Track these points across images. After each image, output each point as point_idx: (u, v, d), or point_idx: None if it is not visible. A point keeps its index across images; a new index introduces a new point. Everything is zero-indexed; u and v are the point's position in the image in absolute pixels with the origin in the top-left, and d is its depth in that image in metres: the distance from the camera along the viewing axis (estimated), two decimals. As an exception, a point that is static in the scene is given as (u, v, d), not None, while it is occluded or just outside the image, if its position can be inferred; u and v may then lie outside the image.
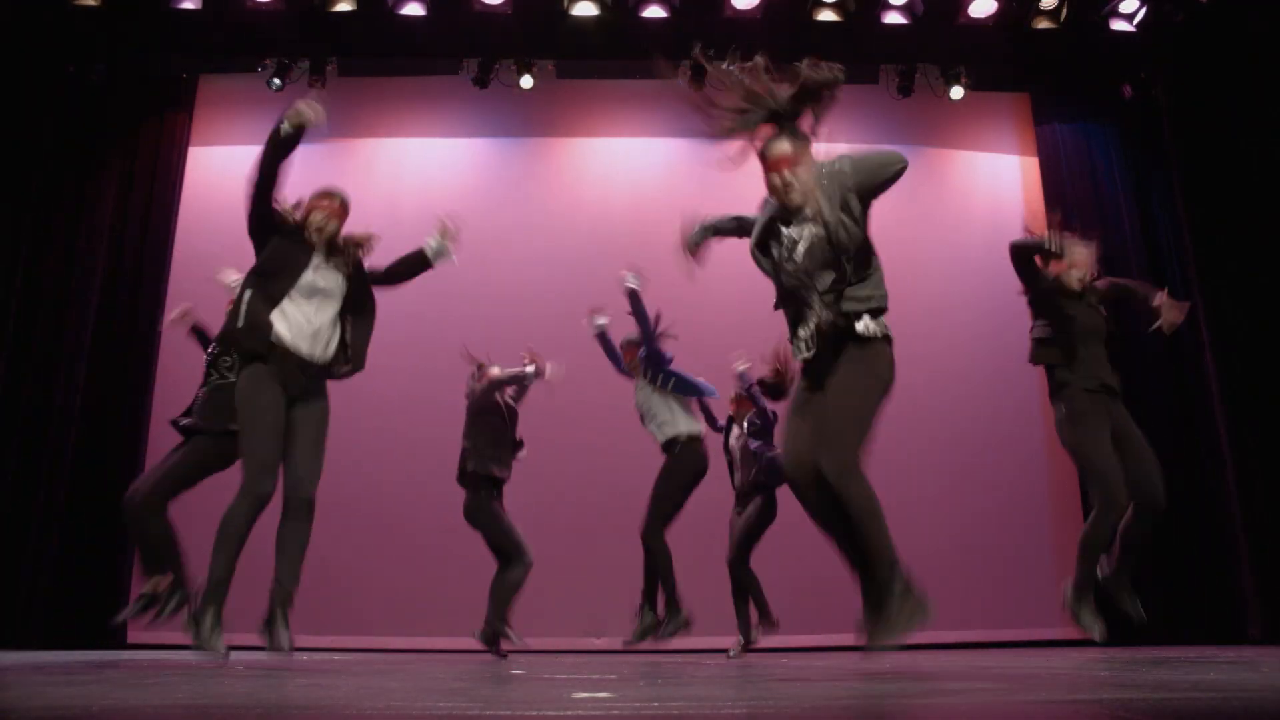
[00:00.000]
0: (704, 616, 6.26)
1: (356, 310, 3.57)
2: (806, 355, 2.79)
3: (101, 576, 5.92)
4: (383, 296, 3.65)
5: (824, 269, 2.69)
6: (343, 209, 3.54)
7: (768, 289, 2.91)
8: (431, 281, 6.10)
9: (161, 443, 6.37)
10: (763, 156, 2.79)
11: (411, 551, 6.28)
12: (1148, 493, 3.66)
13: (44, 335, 6.22)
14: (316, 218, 3.46)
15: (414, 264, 3.79)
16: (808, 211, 2.67)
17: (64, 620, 5.80)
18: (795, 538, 4.38)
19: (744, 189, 6.91)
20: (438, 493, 5.24)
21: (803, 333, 2.79)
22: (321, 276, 3.44)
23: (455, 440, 4.85)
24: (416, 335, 6.32)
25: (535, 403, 5.18)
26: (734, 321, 6.55)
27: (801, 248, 2.71)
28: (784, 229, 2.80)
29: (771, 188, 2.80)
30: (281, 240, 3.42)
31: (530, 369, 4.84)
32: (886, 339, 2.75)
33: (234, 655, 3.46)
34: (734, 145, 2.79)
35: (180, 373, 6.52)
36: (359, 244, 3.58)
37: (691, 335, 6.36)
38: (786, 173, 2.73)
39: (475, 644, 4.72)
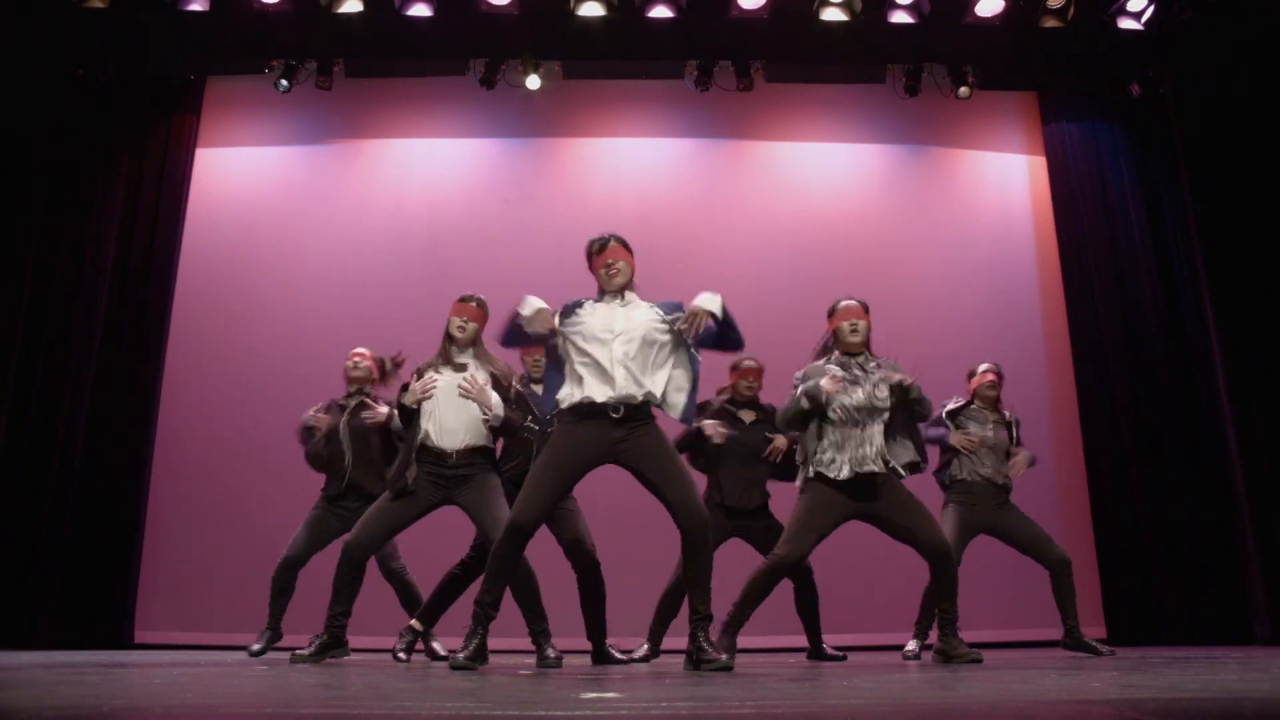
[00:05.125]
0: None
1: None
2: None
3: (110, 576, 5.93)
4: (381, 296, 3.67)
5: None
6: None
7: (773, 291, 2.92)
8: (436, 283, 6.15)
9: (166, 444, 6.41)
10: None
11: (416, 552, 6.28)
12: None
13: (53, 335, 6.24)
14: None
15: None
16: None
17: (73, 620, 5.81)
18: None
19: (746, 189, 6.93)
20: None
21: None
22: None
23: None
24: (421, 336, 6.30)
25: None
26: (741, 321, 6.54)
27: None
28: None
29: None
30: None
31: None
32: None
33: (243, 654, 3.47)
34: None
35: (186, 373, 6.55)
36: None
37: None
38: None
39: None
